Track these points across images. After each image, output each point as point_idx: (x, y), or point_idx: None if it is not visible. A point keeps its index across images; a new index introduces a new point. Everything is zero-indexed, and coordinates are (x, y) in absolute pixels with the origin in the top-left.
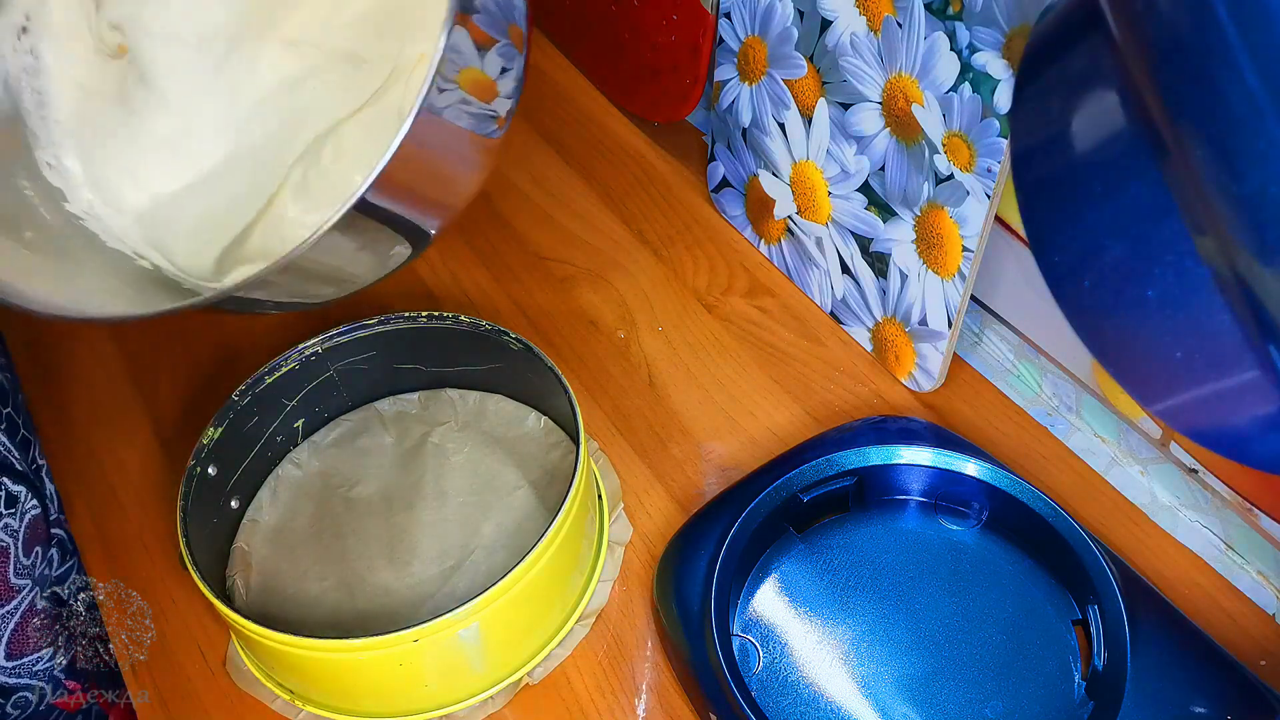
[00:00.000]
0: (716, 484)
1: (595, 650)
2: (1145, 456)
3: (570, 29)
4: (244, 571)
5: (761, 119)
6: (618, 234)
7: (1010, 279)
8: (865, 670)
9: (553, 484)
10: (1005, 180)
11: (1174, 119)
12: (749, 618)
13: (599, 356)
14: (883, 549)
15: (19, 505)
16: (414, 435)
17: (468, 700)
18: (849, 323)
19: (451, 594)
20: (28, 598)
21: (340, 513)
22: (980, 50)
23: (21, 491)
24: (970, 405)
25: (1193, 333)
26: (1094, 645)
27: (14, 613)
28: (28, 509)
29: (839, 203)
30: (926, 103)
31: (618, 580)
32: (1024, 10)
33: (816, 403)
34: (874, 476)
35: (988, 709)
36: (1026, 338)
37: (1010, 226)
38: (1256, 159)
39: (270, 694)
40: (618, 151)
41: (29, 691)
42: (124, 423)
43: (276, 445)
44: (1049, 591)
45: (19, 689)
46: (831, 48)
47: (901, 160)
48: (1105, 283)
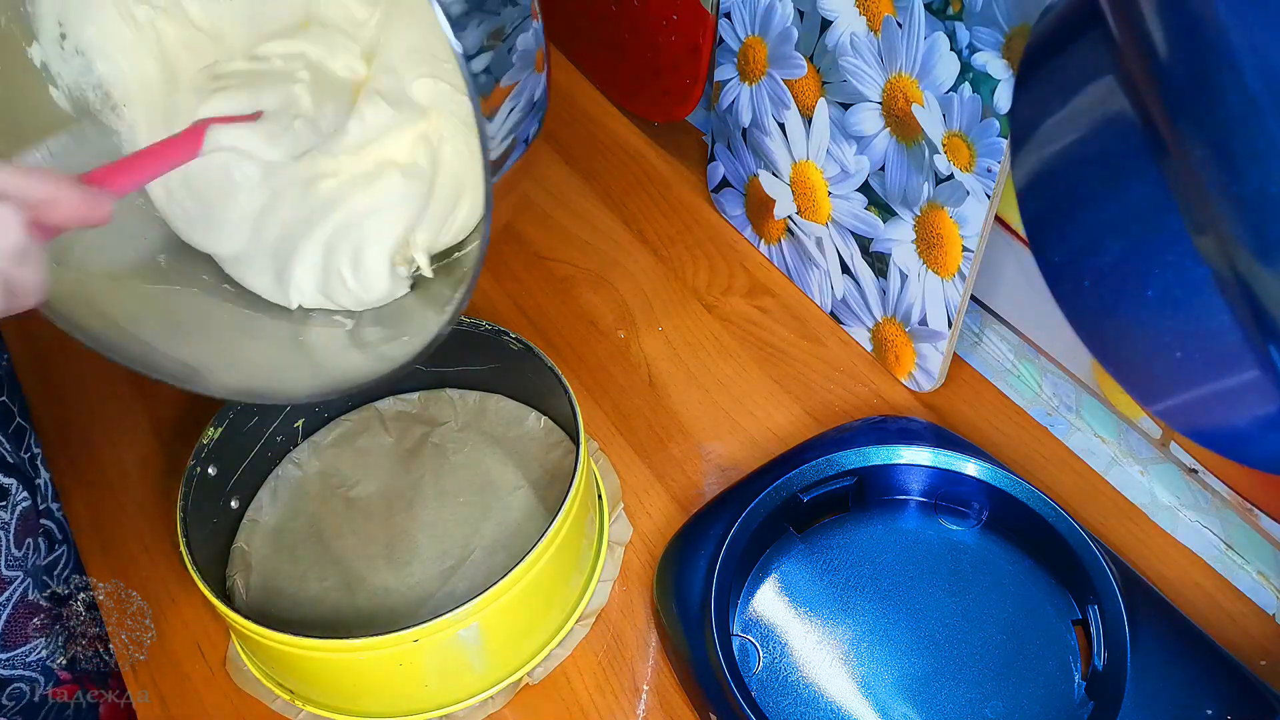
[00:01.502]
0: (716, 484)
1: (595, 650)
2: (1145, 456)
3: (570, 29)
4: (244, 571)
5: (761, 119)
6: (618, 234)
7: (1010, 279)
8: (865, 670)
9: (553, 484)
10: (1005, 180)
11: (1174, 119)
12: (749, 618)
13: (599, 356)
14: (883, 549)
15: (10, 497)
16: (414, 435)
17: (468, 700)
18: (849, 323)
19: (451, 594)
20: (19, 588)
21: (340, 513)
22: (980, 50)
23: (12, 484)
24: (970, 405)
25: (1193, 333)
26: (1094, 645)
27: (6, 604)
28: (18, 501)
29: (839, 203)
30: (926, 103)
31: (618, 580)
32: (1024, 10)
33: (816, 403)
34: (874, 476)
35: (988, 709)
36: (1026, 338)
37: (1010, 226)
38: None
39: (270, 694)
40: (618, 151)
41: (24, 683)
42: (124, 423)
43: (276, 445)
44: (1049, 591)
45: (13, 680)
46: (831, 48)
47: (901, 160)
48: (1105, 283)
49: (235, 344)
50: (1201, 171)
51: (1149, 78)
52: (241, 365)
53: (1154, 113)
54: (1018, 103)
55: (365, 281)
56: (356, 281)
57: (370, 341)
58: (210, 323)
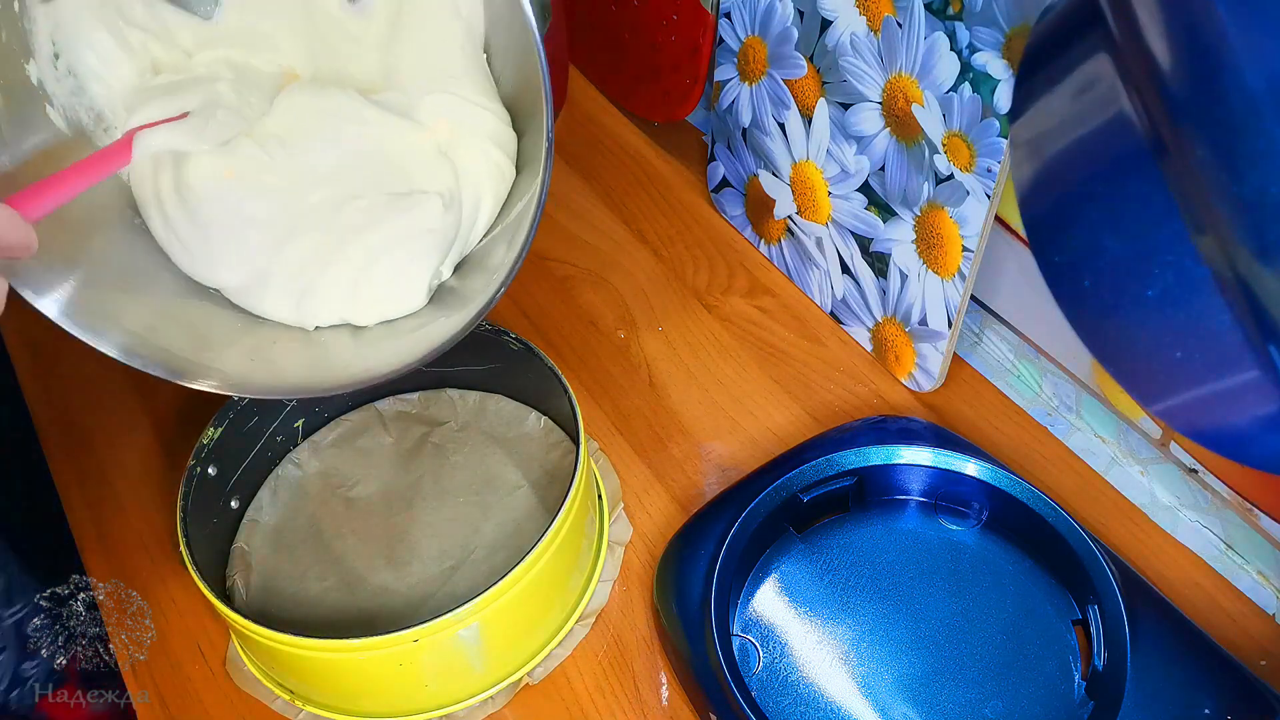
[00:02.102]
0: (716, 484)
1: (595, 650)
2: (1145, 456)
3: (570, 29)
4: (244, 571)
5: (761, 119)
6: (618, 234)
7: (1010, 279)
8: (865, 670)
9: (553, 484)
10: (1005, 180)
11: (1174, 119)
12: (749, 618)
13: (599, 356)
14: (883, 549)
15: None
16: (414, 435)
17: (468, 700)
18: (849, 323)
19: (451, 594)
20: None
21: (340, 513)
22: (980, 50)
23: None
24: (970, 405)
25: (1193, 333)
26: (1094, 645)
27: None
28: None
29: (839, 203)
30: (926, 103)
31: (618, 580)
32: (1024, 10)
33: (816, 403)
34: (874, 476)
35: (988, 709)
36: (1026, 338)
37: (1010, 226)
38: (1256, 159)
39: (270, 694)
40: (618, 151)
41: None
42: (124, 423)
43: (276, 445)
44: (1049, 591)
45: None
46: (831, 48)
47: (901, 160)
48: (1105, 283)
49: (256, 347)
50: (1201, 172)
51: (1149, 78)
52: (268, 365)
53: (1154, 113)
54: (1018, 102)
55: (401, 302)
56: (392, 303)
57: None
58: (228, 330)
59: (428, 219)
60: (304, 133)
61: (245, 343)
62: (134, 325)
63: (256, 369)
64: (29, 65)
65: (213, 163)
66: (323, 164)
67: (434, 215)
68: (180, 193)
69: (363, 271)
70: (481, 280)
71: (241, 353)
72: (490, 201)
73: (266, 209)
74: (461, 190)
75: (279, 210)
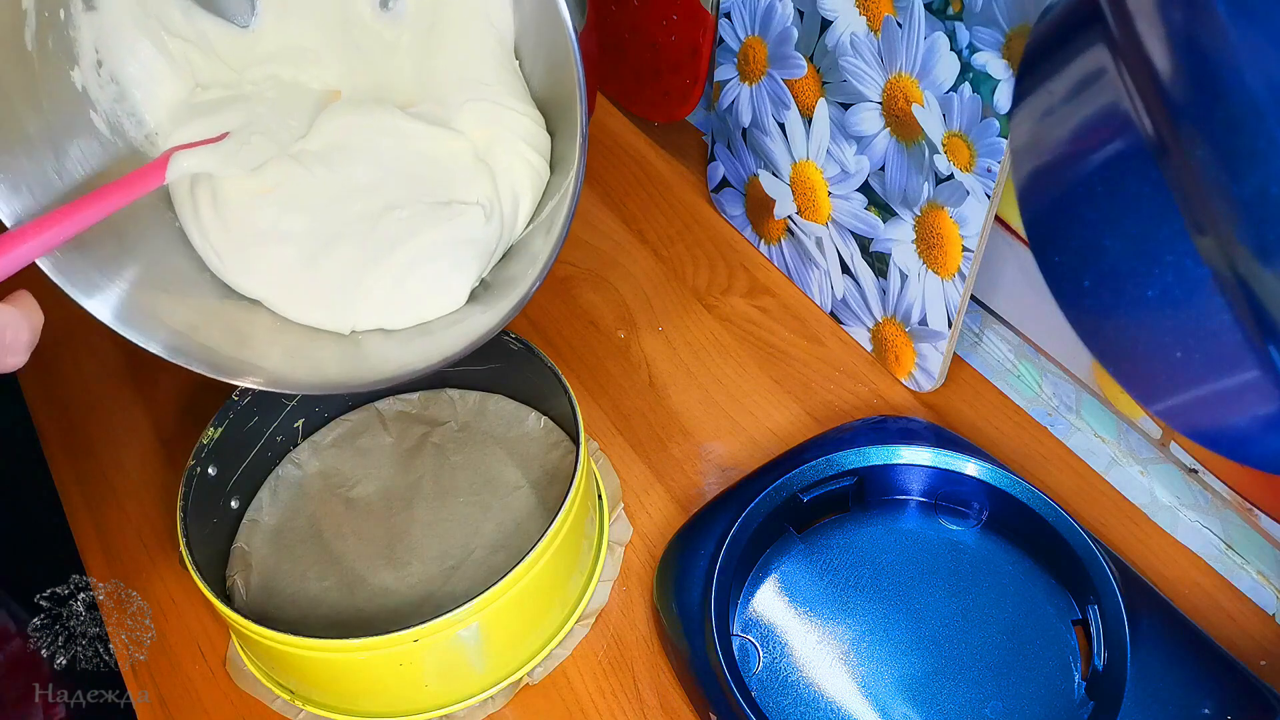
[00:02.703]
0: (716, 484)
1: (595, 650)
2: (1145, 456)
3: None
4: (244, 571)
5: (761, 119)
6: (618, 234)
7: (1010, 279)
8: (865, 670)
9: (553, 484)
10: (1005, 180)
11: (1174, 119)
12: (749, 618)
13: (599, 356)
14: (883, 549)
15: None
16: (414, 435)
17: (467, 700)
18: (849, 323)
19: (451, 594)
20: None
21: (340, 513)
22: (980, 50)
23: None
24: (970, 405)
25: (1193, 333)
26: (1094, 645)
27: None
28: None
29: (839, 203)
30: (926, 103)
31: (618, 580)
32: (1024, 10)
33: (816, 403)
34: (874, 476)
35: (988, 709)
36: (1026, 338)
37: (1010, 226)
38: (1256, 159)
39: (270, 694)
40: (618, 151)
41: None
42: (124, 423)
43: (276, 445)
44: (1049, 591)
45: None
46: (831, 48)
47: (901, 160)
48: (1105, 283)
49: (297, 346)
50: (1202, 172)
51: (1149, 77)
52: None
53: (1154, 112)
54: (1018, 102)
55: (441, 307)
56: (432, 308)
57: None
58: (268, 329)
59: (470, 228)
60: (345, 149)
61: (285, 341)
62: (178, 324)
63: (298, 366)
64: (74, 72)
65: (251, 178)
66: (363, 178)
67: (476, 225)
68: (217, 206)
69: (402, 280)
70: (517, 273)
71: (282, 351)
72: (528, 204)
73: (305, 223)
74: (501, 196)
75: (317, 224)
